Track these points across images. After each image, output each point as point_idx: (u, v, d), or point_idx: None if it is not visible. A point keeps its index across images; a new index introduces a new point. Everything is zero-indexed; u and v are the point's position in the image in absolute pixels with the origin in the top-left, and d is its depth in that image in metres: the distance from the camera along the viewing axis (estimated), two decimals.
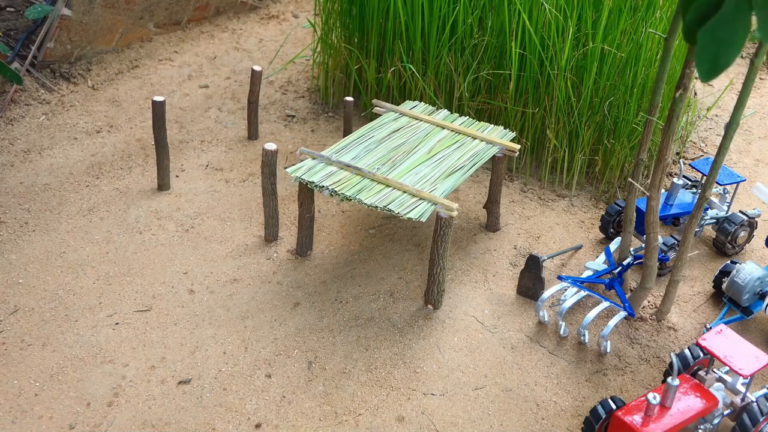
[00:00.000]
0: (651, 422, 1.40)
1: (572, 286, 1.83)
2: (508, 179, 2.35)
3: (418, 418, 1.56)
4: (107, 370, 1.60)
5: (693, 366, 1.58)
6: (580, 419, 1.59)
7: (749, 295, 1.84)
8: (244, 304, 1.80)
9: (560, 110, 2.25)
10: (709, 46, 0.88)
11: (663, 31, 2.18)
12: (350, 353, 1.69)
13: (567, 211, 2.24)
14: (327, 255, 1.98)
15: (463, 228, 2.13)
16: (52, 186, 2.13)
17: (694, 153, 2.58)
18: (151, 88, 2.66)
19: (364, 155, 1.88)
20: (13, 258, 1.88)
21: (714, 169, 1.60)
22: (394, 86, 2.49)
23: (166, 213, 2.08)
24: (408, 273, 1.94)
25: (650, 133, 1.69)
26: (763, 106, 2.97)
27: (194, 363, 1.64)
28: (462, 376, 1.66)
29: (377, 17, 2.43)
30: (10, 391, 1.54)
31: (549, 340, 1.78)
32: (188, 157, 2.33)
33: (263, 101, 2.64)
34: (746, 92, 1.47)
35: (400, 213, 1.68)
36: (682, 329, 1.84)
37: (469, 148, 1.96)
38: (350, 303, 1.83)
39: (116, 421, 1.50)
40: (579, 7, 2.16)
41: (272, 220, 1.97)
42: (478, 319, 1.82)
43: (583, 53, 2.21)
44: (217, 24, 3.14)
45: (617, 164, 2.30)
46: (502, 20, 2.25)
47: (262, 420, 1.53)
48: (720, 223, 2.08)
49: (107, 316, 1.74)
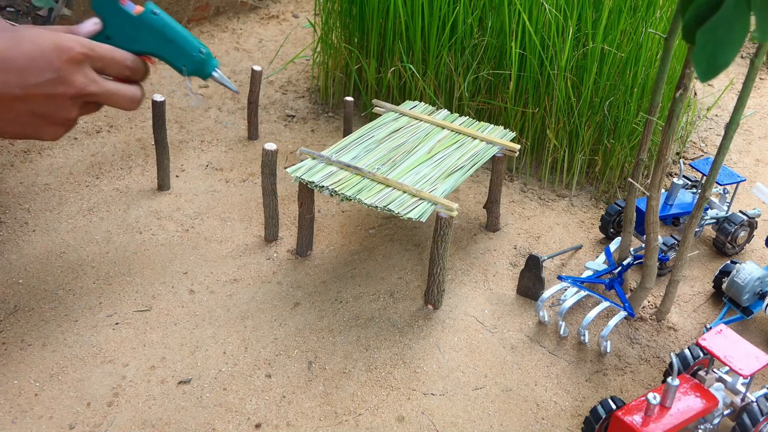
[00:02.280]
0: (651, 422, 1.40)
1: (572, 286, 1.83)
2: (508, 179, 2.35)
3: (418, 418, 1.56)
4: (107, 370, 1.60)
5: (693, 366, 1.58)
6: (580, 419, 1.59)
7: (749, 295, 1.84)
8: (244, 304, 1.80)
9: (560, 110, 2.25)
10: (707, 46, 0.88)
11: (663, 31, 2.18)
12: (350, 353, 1.69)
13: (567, 211, 2.24)
14: (327, 255, 1.98)
15: (463, 228, 2.13)
16: (52, 186, 2.13)
17: (694, 153, 2.58)
18: (150, 88, 2.66)
19: (364, 155, 1.88)
20: (13, 258, 1.88)
21: (714, 169, 1.60)
22: (394, 86, 2.49)
23: (166, 213, 2.08)
24: (408, 273, 1.94)
25: (650, 133, 1.69)
26: (763, 106, 2.97)
27: (194, 363, 1.64)
28: (462, 376, 1.66)
29: (377, 17, 2.43)
30: (10, 391, 1.54)
31: (549, 340, 1.78)
32: (188, 157, 2.33)
33: (263, 101, 2.64)
34: (746, 92, 1.47)
35: (400, 213, 1.68)
36: (682, 329, 1.84)
37: (469, 148, 1.96)
38: (350, 303, 1.83)
39: (116, 421, 1.50)
40: (579, 7, 2.16)
41: (272, 220, 1.98)
42: (478, 319, 1.82)
43: (583, 53, 2.21)
44: (217, 24, 3.14)
45: (617, 164, 2.30)
46: (502, 20, 2.26)
47: (262, 420, 1.53)
48: (720, 223, 2.08)
49: (107, 316, 1.74)
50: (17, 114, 1.19)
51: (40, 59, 1.18)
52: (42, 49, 1.18)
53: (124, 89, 1.31)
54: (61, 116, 1.24)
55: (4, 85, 1.15)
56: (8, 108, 1.18)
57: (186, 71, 1.59)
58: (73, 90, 1.23)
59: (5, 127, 1.21)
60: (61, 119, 1.25)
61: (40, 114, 1.22)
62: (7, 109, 1.18)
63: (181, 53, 1.59)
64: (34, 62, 1.18)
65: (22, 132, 1.24)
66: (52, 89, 1.20)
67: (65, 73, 1.21)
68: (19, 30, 1.20)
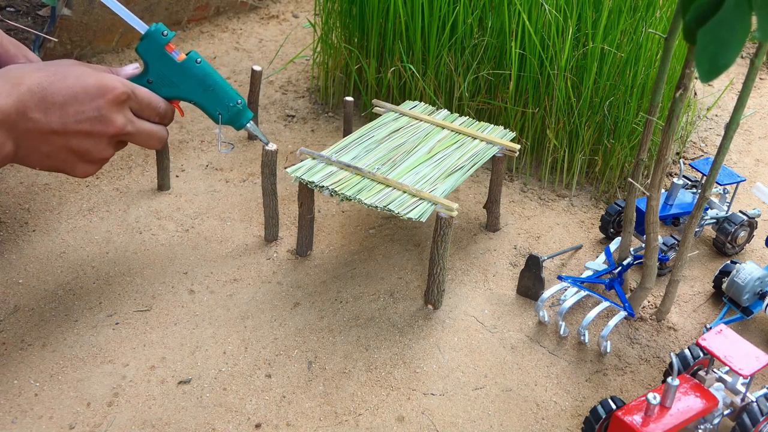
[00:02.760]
0: (651, 422, 1.40)
1: (572, 286, 1.83)
2: (508, 179, 2.35)
3: (418, 418, 1.56)
4: (107, 370, 1.60)
5: (693, 366, 1.58)
6: (580, 419, 1.59)
7: (749, 295, 1.84)
8: (244, 304, 1.80)
9: (560, 110, 2.25)
10: (708, 46, 0.88)
11: (663, 31, 2.18)
12: (350, 353, 1.69)
13: (567, 211, 2.24)
14: (327, 255, 1.98)
15: (463, 228, 2.13)
16: (52, 186, 2.13)
17: (694, 153, 2.58)
18: None
19: (364, 155, 1.88)
20: (13, 258, 1.88)
21: (714, 169, 1.60)
22: (394, 86, 2.49)
23: (166, 213, 2.08)
24: (408, 273, 1.94)
25: (650, 133, 1.69)
26: (763, 106, 2.97)
27: (194, 363, 1.64)
28: (462, 376, 1.66)
29: (377, 17, 2.43)
30: (10, 391, 1.54)
31: (549, 340, 1.78)
32: (188, 157, 2.33)
33: (263, 101, 2.64)
34: (746, 92, 1.47)
35: (400, 213, 1.68)
36: (682, 329, 1.84)
37: (469, 148, 1.96)
38: (350, 303, 1.83)
39: (116, 421, 1.50)
40: (579, 7, 2.16)
41: (272, 220, 1.97)
42: (478, 319, 1.82)
43: (583, 53, 2.21)
44: (217, 24, 3.14)
45: (617, 164, 2.30)
46: (502, 20, 2.26)
47: (262, 420, 1.53)
48: (720, 223, 2.08)
49: (107, 316, 1.74)
50: (53, 148, 1.20)
51: (83, 96, 1.18)
52: (85, 87, 1.18)
53: (156, 130, 1.35)
54: (96, 154, 1.26)
55: (45, 121, 1.15)
56: (46, 142, 1.18)
57: (222, 119, 1.61)
58: (113, 129, 1.25)
59: (40, 161, 1.22)
60: (96, 157, 1.26)
61: (77, 150, 1.22)
62: (45, 143, 1.18)
63: (218, 102, 1.62)
64: (76, 99, 1.18)
65: (54, 166, 1.24)
66: (92, 127, 1.21)
67: (106, 111, 1.22)
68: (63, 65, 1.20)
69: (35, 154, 1.18)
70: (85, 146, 1.23)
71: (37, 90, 1.12)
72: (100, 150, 1.26)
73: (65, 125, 1.17)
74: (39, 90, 1.12)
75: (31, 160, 1.20)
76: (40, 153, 1.19)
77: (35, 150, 1.17)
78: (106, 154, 1.27)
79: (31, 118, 1.12)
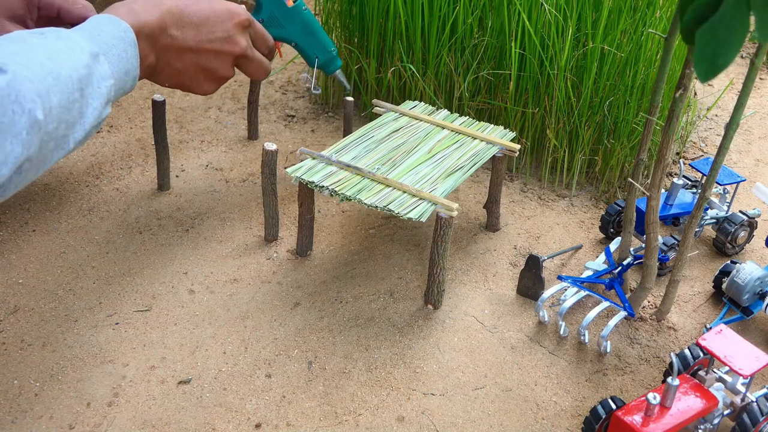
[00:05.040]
0: (651, 422, 1.40)
1: (572, 286, 1.83)
2: (508, 179, 2.35)
3: (418, 418, 1.56)
4: (107, 370, 1.60)
5: (693, 366, 1.58)
6: (580, 419, 1.59)
7: (749, 295, 1.84)
8: (244, 304, 1.80)
9: (560, 110, 2.25)
10: (707, 46, 0.88)
11: (663, 31, 2.18)
12: (350, 353, 1.69)
13: (567, 211, 2.24)
14: (327, 255, 1.98)
15: (463, 228, 2.13)
16: (52, 186, 2.13)
17: (694, 153, 2.58)
18: (151, 88, 2.66)
19: (364, 155, 1.88)
20: (13, 258, 1.88)
21: (714, 169, 1.60)
22: (394, 86, 2.49)
23: (166, 213, 2.08)
24: (408, 273, 1.94)
25: (650, 133, 1.69)
26: (763, 106, 2.97)
27: (194, 363, 1.64)
28: (462, 376, 1.66)
29: (377, 17, 2.43)
30: (10, 391, 1.54)
31: (549, 340, 1.78)
32: (188, 157, 2.33)
33: (263, 101, 2.64)
34: (746, 92, 1.47)
35: (400, 213, 1.68)
36: (682, 329, 1.84)
37: (469, 148, 1.96)
38: (350, 303, 1.83)
39: (116, 421, 1.50)
40: (579, 7, 2.16)
41: (272, 220, 1.98)
42: (478, 319, 1.82)
43: (583, 53, 2.21)
44: None
45: (617, 164, 2.30)
46: (502, 20, 2.26)
47: (262, 420, 1.53)
48: (720, 223, 2.08)
49: (107, 316, 1.74)
50: (186, 65, 1.32)
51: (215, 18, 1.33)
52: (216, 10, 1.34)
53: (265, 60, 1.48)
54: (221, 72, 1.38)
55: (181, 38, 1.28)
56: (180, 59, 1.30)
57: (317, 62, 1.76)
58: (238, 49, 1.38)
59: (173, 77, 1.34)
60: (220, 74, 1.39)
61: (205, 68, 1.35)
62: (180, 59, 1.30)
63: (317, 47, 1.88)
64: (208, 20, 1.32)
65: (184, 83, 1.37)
66: (221, 46, 1.35)
67: (233, 33, 1.36)
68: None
69: (168, 68, 1.30)
70: (213, 64, 1.36)
71: (176, 11, 1.26)
72: (225, 69, 1.39)
73: (199, 43, 1.31)
74: (177, 11, 1.26)
75: (164, 74, 1.32)
76: (172, 68, 1.31)
77: (169, 65, 1.30)
78: (229, 72, 1.40)
79: (171, 35, 1.26)
